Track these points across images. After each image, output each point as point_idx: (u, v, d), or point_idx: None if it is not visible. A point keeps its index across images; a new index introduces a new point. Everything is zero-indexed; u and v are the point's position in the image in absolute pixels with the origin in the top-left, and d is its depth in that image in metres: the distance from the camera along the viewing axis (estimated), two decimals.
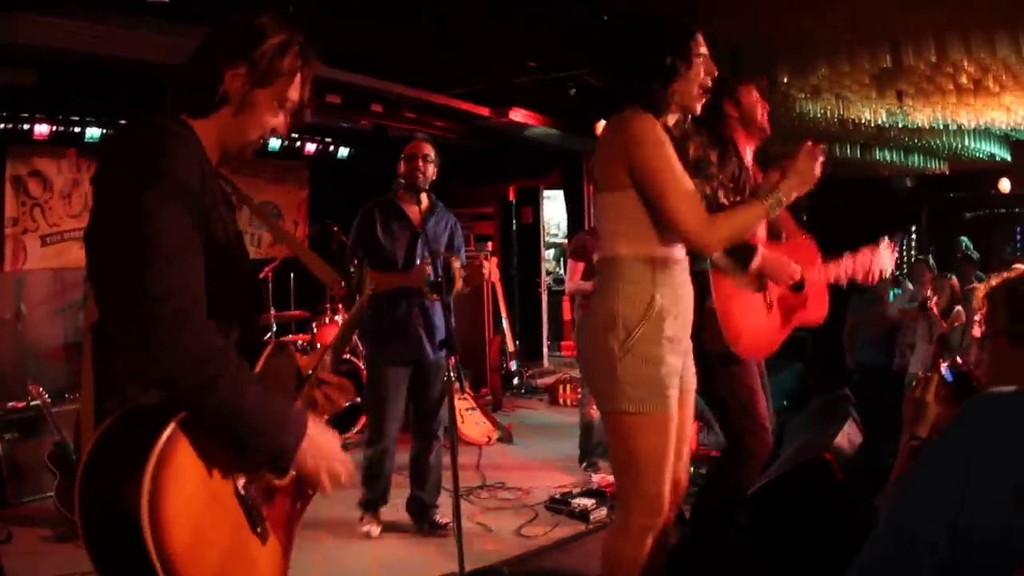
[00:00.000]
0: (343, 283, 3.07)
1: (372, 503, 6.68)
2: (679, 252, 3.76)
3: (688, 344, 3.90)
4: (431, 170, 6.41)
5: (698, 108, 3.78)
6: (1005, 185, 14.00)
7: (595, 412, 8.09)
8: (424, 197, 6.47)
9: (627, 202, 3.65)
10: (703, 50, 3.70)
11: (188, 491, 2.09)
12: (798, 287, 5.01)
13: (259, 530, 2.35)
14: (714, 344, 4.64)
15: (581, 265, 8.00)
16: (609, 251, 3.75)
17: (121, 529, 1.97)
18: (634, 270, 3.67)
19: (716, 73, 3.75)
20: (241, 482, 2.28)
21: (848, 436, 6.02)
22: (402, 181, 6.45)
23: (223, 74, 2.41)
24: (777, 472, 5.60)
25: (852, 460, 5.74)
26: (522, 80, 9.96)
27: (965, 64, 7.83)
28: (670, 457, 3.72)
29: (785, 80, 8.37)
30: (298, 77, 2.53)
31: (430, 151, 6.42)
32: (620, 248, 3.70)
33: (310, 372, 2.84)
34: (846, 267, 5.12)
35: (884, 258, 5.11)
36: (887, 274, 5.21)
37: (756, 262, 4.66)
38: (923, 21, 7.14)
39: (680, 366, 3.81)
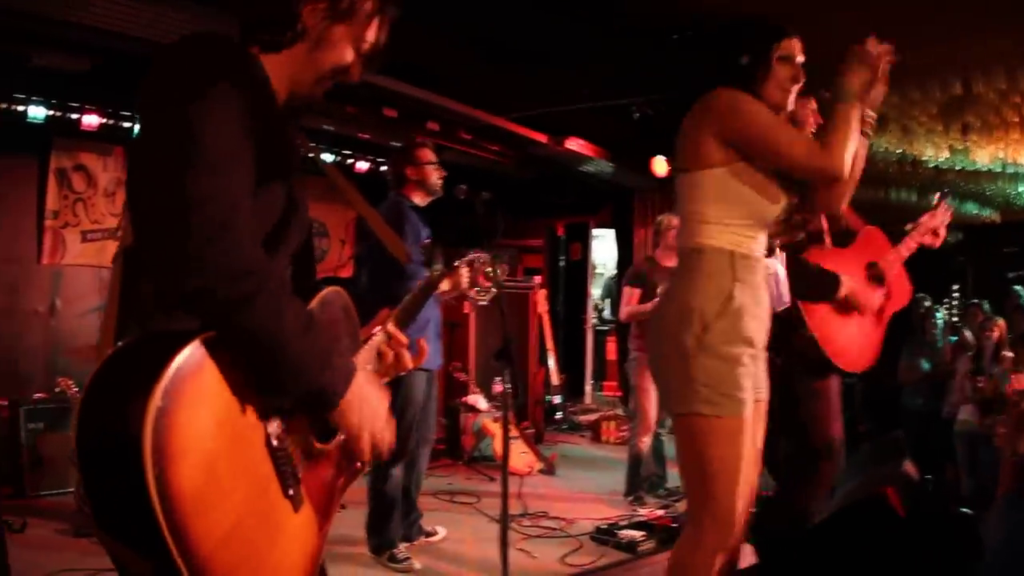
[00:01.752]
0: (412, 256, 2.88)
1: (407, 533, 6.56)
2: (760, 249, 3.56)
3: (763, 352, 3.67)
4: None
5: (789, 105, 3.60)
6: None
7: (644, 444, 7.99)
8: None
9: (712, 182, 3.48)
10: (787, 55, 3.54)
11: (206, 422, 1.82)
12: (879, 280, 4.99)
13: (291, 493, 2.08)
14: (813, 356, 4.48)
15: (638, 292, 7.96)
16: (689, 241, 3.58)
17: (119, 457, 1.70)
18: (714, 262, 3.48)
19: (802, 80, 3.57)
20: (275, 429, 2.02)
21: (907, 473, 5.76)
22: (419, 186, 6.45)
23: (301, 8, 2.19)
24: (835, 509, 5.36)
25: (911, 498, 5.49)
26: (581, 107, 9.76)
27: None
28: (745, 468, 3.48)
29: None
30: (377, 18, 2.32)
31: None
32: (701, 237, 3.53)
33: (376, 330, 2.59)
34: (912, 240, 5.12)
35: (940, 216, 5.14)
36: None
37: (843, 291, 4.65)
38: (992, 49, 7.00)
39: (756, 372, 3.59)
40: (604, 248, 16.52)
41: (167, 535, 1.68)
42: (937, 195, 5.23)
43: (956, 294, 14.02)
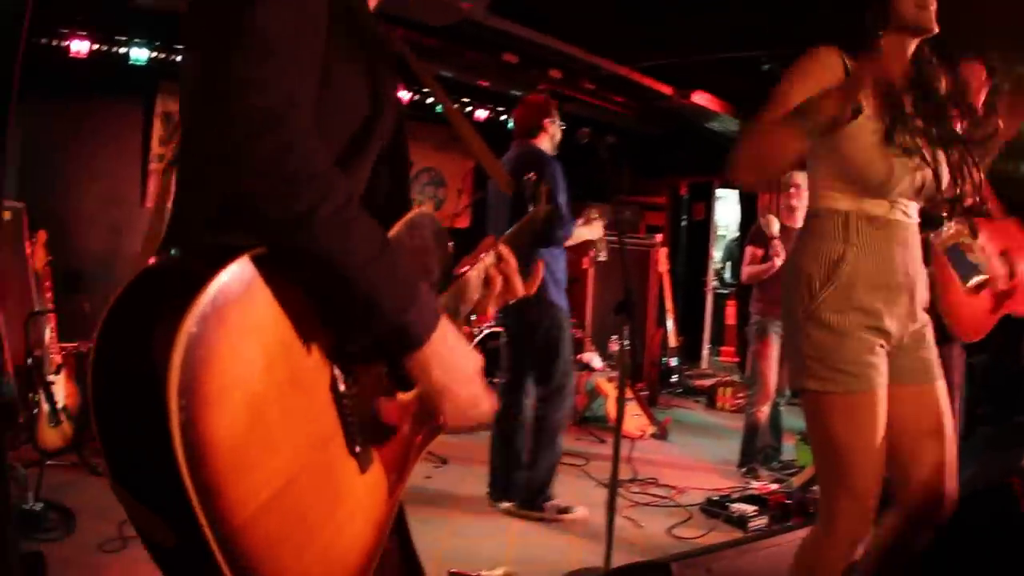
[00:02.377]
0: (513, 186, 2.52)
1: None
2: (895, 211, 3.17)
3: (918, 334, 3.28)
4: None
5: (927, 24, 3.10)
6: None
7: (762, 414, 7.69)
8: None
9: (821, 148, 3.15)
10: None
11: (254, 358, 1.46)
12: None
13: (358, 450, 1.73)
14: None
15: (760, 252, 7.74)
16: (810, 203, 3.35)
17: (138, 393, 1.35)
18: (826, 225, 3.18)
19: None
20: (344, 372, 1.68)
21: None
22: (551, 141, 6.59)
23: None
24: None
25: None
26: (708, 58, 9.36)
27: None
28: (875, 448, 3.10)
29: (992, 66, 7.76)
30: None
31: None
32: (816, 201, 3.27)
33: (483, 255, 2.26)
34: None
35: None
36: None
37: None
38: None
39: (883, 347, 3.18)
40: (727, 209, 16.13)
41: (193, 497, 1.33)
42: None
43: None
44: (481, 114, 11.36)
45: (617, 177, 6.07)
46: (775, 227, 7.61)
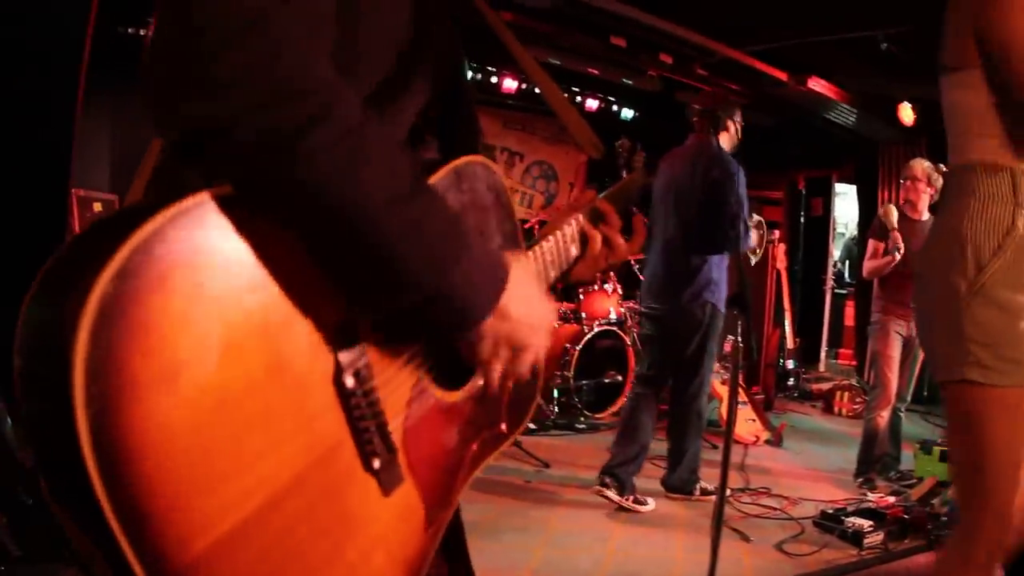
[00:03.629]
0: (600, 149, 2.11)
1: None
2: None
3: None
4: None
5: None
6: None
7: (882, 420, 7.23)
8: None
9: (982, 85, 2.67)
10: None
11: (210, 334, 1.05)
12: None
13: (378, 467, 1.31)
14: None
15: (882, 245, 7.32)
16: (959, 157, 2.83)
17: (44, 380, 0.97)
18: (991, 182, 2.70)
19: None
20: (353, 359, 1.25)
21: None
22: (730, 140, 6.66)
23: None
24: None
25: None
26: (824, 39, 8.89)
27: None
28: None
29: None
30: None
31: None
32: (972, 152, 2.78)
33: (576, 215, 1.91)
34: None
35: None
36: None
37: None
38: None
39: None
40: (846, 205, 15.63)
41: (113, 522, 0.95)
42: None
43: None
44: (592, 104, 11.06)
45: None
46: (894, 217, 7.16)
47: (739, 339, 4.84)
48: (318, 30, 1.23)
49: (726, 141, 6.56)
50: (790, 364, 11.55)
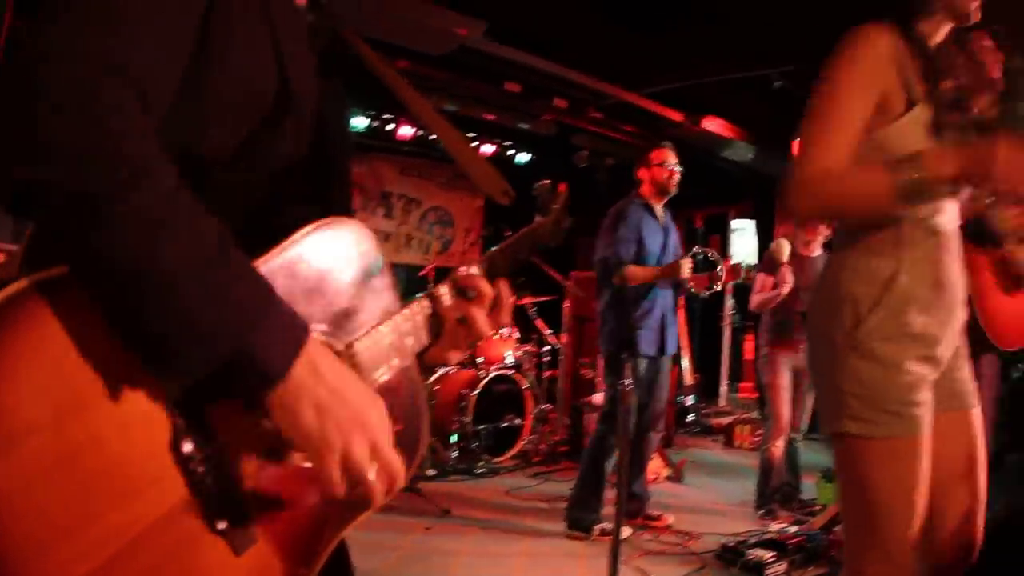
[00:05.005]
0: (510, 194, 2.08)
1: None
2: (946, 218, 2.78)
3: (957, 352, 2.90)
4: (678, 176, 6.92)
5: (972, 12, 2.79)
6: None
7: (777, 450, 7.39)
8: (665, 204, 6.99)
9: (862, 144, 2.71)
10: None
11: (52, 399, 1.12)
12: None
13: (224, 527, 1.34)
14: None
15: (771, 279, 7.52)
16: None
17: None
18: (872, 237, 2.74)
19: None
20: (189, 424, 1.30)
21: None
22: (651, 186, 6.88)
23: None
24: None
25: None
26: (719, 78, 9.08)
27: None
28: (917, 503, 2.70)
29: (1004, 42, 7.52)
30: None
31: (676, 157, 6.95)
32: None
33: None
34: None
35: None
36: None
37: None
38: None
39: (949, 378, 2.85)
40: (744, 241, 15.74)
41: None
42: None
43: None
44: (488, 149, 11.16)
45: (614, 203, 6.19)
46: (785, 252, 7.37)
47: (627, 381, 4.96)
48: (156, 96, 1.28)
49: (652, 193, 6.88)
50: (689, 400, 11.66)
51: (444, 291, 1.78)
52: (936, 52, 2.79)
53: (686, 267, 6.59)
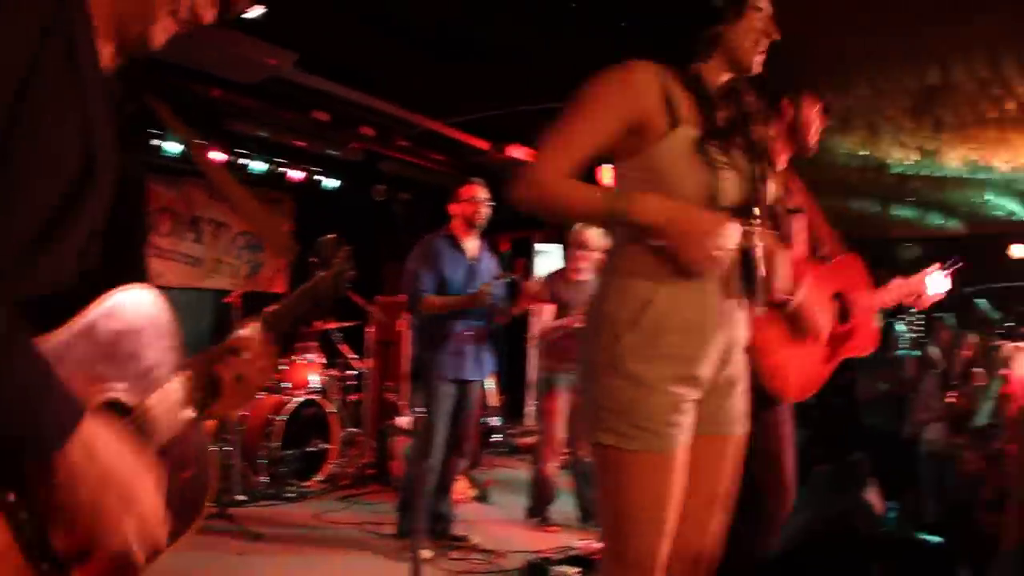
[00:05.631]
0: (294, 250, 2.21)
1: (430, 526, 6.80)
2: None
3: (730, 378, 3.06)
4: (487, 209, 7.12)
5: (754, 66, 3.01)
6: (1018, 251, 13.37)
7: (551, 470, 7.84)
8: (476, 237, 7.22)
9: (627, 174, 2.95)
10: (763, 5, 2.96)
11: None
12: (842, 313, 4.53)
13: (48, 569, 1.46)
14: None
15: (552, 307, 7.85)
16: (612, 238, 3.10)
17: None
18: (632, 260, 2.89)
19: (779, 36, 2.99)
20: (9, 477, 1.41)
21: (869, 502, 5.36)
22: (460, 220, 7.14)
23: None
24: (791, 543, 4.92)
25: (876, 530, 5.09)
26: (523, 109, 9.30)
27: (1016, 83, 7.44)
28: (668, 515, 2.86)
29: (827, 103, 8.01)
30: None
31: (485, 192, 7.13)
32: (620, 233, 2.98)
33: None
34: (895, 291, 4.76)
35: (936, 282, 4.79)
36: (939, 296, 4.86)
37: (797, 300, 4.10)
38: (976, 33, 6.65)
39: (693, 399, 2.93)
40: (549, 264, 15.94)
41: None
42: (938, 265, 4.85)
43: (914, 308, 13.51)
44: (296, 175, 11.17)
45: (410, 233, 6.43)
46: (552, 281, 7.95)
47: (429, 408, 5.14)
48: None
49: (462, 228, 7.13)
50: (495, 420, 11.82)
51: (222, 351, 1.91)
52: (707, 90, 2.97)
53: (486, 295, 6.81)
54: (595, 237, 7.63)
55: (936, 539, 4.14)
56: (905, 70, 7.44)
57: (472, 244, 7.19)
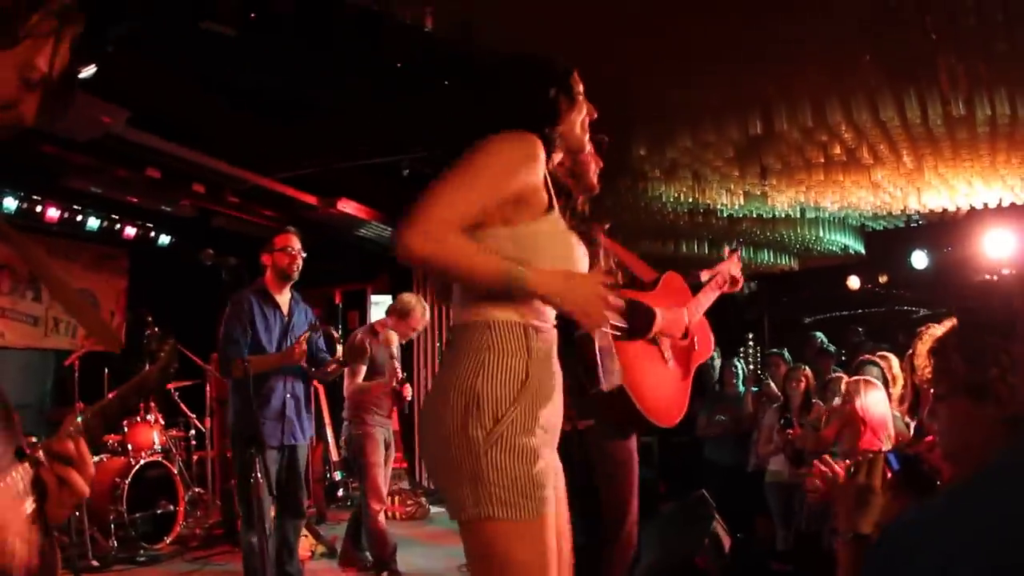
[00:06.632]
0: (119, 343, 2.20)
1: None
2: (551, 317, 3.04)
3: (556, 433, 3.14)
4: (300, 261, 6.82)
5: (587, 146, 3.22)
6: (854, 283, 13.79)
7: (383, 522, 7.94)
8: (289, 288, 6.90)
9: (494, 244, 2.92)
10: (581, 88, 3.14)
11: None
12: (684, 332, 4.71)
13: None
14: (617, 417, 4.19)
15: (361, 368, 7.98)
16: (471, 314, 2.99)
17: None
18: (507, 338, 2.92)
19: (596, 114, 3.19)
20: None
21: (717, 535, 5.52)
22: (273, 271, 6.79)
23: None
24: None
25: (722, 565, 5.25)
26: (353, 164, 9.45)
27: (843, 129, 7.66)
28: (552, 571, 2.92)
29: (642, 153, 8.08)
30: (51, 41, 1.78)
31: (300, 243, 6.85)
32: (488, 309, 2.94)
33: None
34: (712, 286, 4.96)
35: (735, 263, 5.07)
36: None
37: (657, 326, 4.30)
38: (800, 83, 6.86)
39: (555, 463, 3.07)
40: (382, 315, 15.98)
41: None
42: (727, 249, 5.00)
43: (751, 343, 13.86)
44: (131, 231, 11.09)
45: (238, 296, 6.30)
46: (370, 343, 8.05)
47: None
48: None
49: (274, 280, 6.80)
50: (337, 475, 11.79)
51: (41, 456, 1.86)
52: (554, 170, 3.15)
53: (300, 351, 6.47)
54: (421, 314, 8.20)
55: (785, 567, 4.29)
56: (728, 121, 7.64)
57: (285, 298, 6.86)
